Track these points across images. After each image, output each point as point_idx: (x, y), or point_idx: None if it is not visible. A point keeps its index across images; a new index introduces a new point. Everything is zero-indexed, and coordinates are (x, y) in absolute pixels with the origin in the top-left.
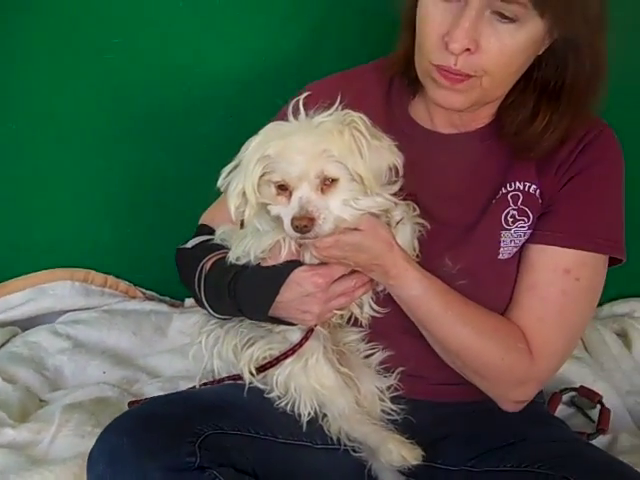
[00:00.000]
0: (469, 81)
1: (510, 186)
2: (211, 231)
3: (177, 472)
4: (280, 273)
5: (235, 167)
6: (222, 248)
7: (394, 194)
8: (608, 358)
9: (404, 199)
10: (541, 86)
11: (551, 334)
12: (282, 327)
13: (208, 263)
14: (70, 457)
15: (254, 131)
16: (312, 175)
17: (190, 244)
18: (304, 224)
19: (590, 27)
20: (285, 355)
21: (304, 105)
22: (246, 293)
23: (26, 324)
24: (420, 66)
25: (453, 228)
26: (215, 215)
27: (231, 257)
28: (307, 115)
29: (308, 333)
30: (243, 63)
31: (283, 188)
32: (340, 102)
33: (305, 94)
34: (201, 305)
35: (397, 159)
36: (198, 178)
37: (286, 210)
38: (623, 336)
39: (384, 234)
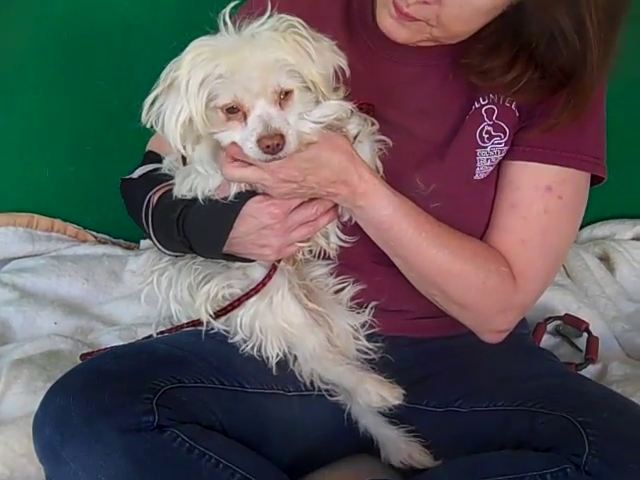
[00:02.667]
0: (418, 23)
1: (484, 99)
2: (159, 158)
3: (134, 433)
4: (233, 206)
5: (158, 96)
6: (170, 178)
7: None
8: (592, 284)
9: (360, 108)
10: (522, 40)
11: (534, 256)
12: (241, 263)
13: (155, 196)
14: (21, 416)
15: None
16: (269, 90)
17: (136, 174)
18: (276, 142)
19: (576, 18)
20: (247, 295)
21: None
22: (196, 230)
23: None
24: None
25: (424, 145)
26: (162, 142)
27: (176, 193)
28: (237, 27)
29: (271, 271)
30: None
31: (233, 111)
32: (272, 8)
33: (232, 4)
34: (151, 240)
35: (341, 59)
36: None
37: (245, 133)
38: (605, 260)
39: (342, 144)
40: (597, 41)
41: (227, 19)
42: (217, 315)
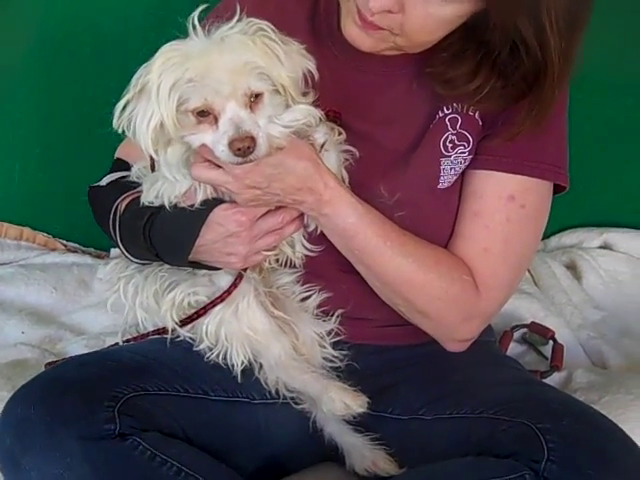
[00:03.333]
0: (382, 32)
1: (448, 109)
2: (127, 166)
3: (95, 441)
4: (199, 214)
5: (129, 101)
6: (138, 185)
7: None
8: (558, 292)
9: (327, 115)
10: (485, 48)
11: (497, 265)
12: (206, 271)
13: (123, 203)
14: None
15: None
16: (239, 93)
17: (104, 181)
18: (247, 145)
19: (537, 27)
20: (213, 303)
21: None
22: (163, 238)
23: None
24: None
25: (388, 154)
26: (131, 149)
27: (143, 200)
28: (207, 31)
29: (237, 279)
30: None
31: (204, 114)
32: (240, 11)
33: (201, 8)
34: (119, 248)
35: (309, 63)
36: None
37: (216, 136)
38: (572, 268)
39: (308, 151)
40: (558, 50)
41: (196, 23)
42: (183, 323)
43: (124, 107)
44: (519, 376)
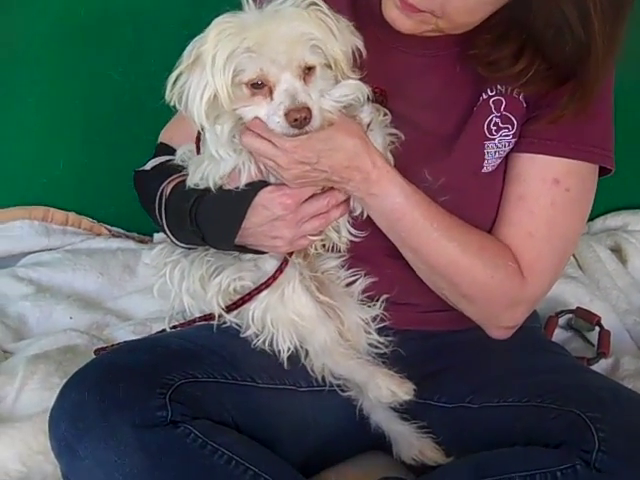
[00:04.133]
0: (423, 14)
1: (491, 90)
2: (171, 150)
3: (148, 428)
4: (244, 196)
5: (182, 73)
6: (183, 169)
7: None
8: (603, 276)
9: (374, 92)
10: (528, 30)
11: (541, 249)
12: (252, 255)
13: (168, 187)
14: (38, 412)
15: None
16: (295, 64)
17: (149, 166)
18: (304, 115)
19: (581, 9)
20: (258, 289)
21: None
22: (209, 220)
23: None
24: None
25: (431, 138)
26: (174, 133)
27: (189, 183)
28: (259, 4)
29: (282, 264)
30: None
31: (258, 86)
32: None
33: None
34: (164, 232)
35: (358, 40)
36: (154, 98)
37: (271, 108)
38: (617, 251)
39: (357, 129)
40: (602, 33)
41: None
42: (229, 309)
43: (176, 79)
44: (566, 363)
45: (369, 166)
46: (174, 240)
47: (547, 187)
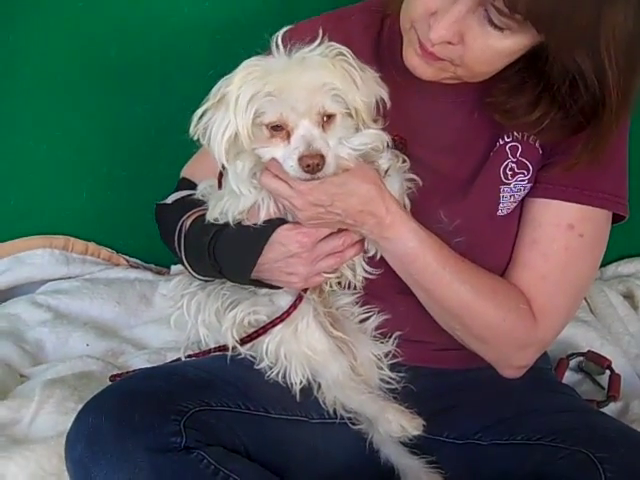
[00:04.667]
0: (443, 63)
1: (508, 137)
2: (192, 186)
3: (162, 453)
4: (262, 232)
5: (207, 110)
6: (204, 203)
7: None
8: (615, 321)
9: (393, 140)
10: (545, 80)
11: (554, 293)
12: (267, 290)
13: (188, 220)
14: (53, 436)
15: None
16: (314, 111)
17: (170, 200)
18: (317, 162)
19: (596, 62)
20: (273, 323)
21: (284, 42)
22: (227, 254)
23: (4, 295)
24: (403, 22)
25: (448, 181)
26: (196, 169)
27: (208, 217)
28: (288, 51)
29: (297, 301)
30: (220, 11)
31: (277, 129)
32: (322, 37)
33: (286, 28)
34: (182, 265)
35: (383, 91)
36: (179, 134)
37: (287, 151)
38: (630, 297)
39: (372, 175)
40: (616, 85)
41: (279, 42)
42: (243, 341)
43: (202, 115)
44: (575, 404)
45: (383, 211)
46: (192, 272)
47: (561, 232)
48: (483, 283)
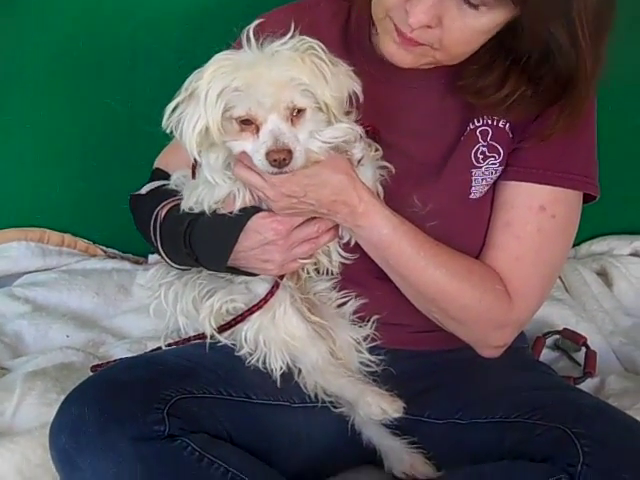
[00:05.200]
0: (422, 48)
1: (478, 121)
2: (166, 176)
3: (146, 441)
4: (237, 221)
5: (179, 104)
6: (178, 193)
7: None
8: (589, 298)
9: (366, 131)
10: (513, 55)
11: (528, 273)
12: (244, 277)
13: (163, 210)
14: (36, 427)
15: None
16: (282, 106)
17: (144, 190)
18: (283, 157)
19: (570, 31)
20: (250, 311)
21: (256, 34)
22: (202, 243)
23: None
24: (376, 14)
25: (420, 166)
26: (169, 159)
27: (183, 206)
28: (260, 44)
29: (273, 288)
30: (190, 2)
31: (247, 123)
32: (294, 29)
33: (257, 22)
34: (159, 254)
35: (355, 85)
36: (150, 124)
37: (255, 145)
38: (603, 275)
39: (344, 165)
40: (588, 51)
41: (251, 35)
42: (221, 329)
43: (174, 109)
44: (552, 381)
45: (355, 200)
46: (168, 261)
47: (533, 214)
48: (458, 265)
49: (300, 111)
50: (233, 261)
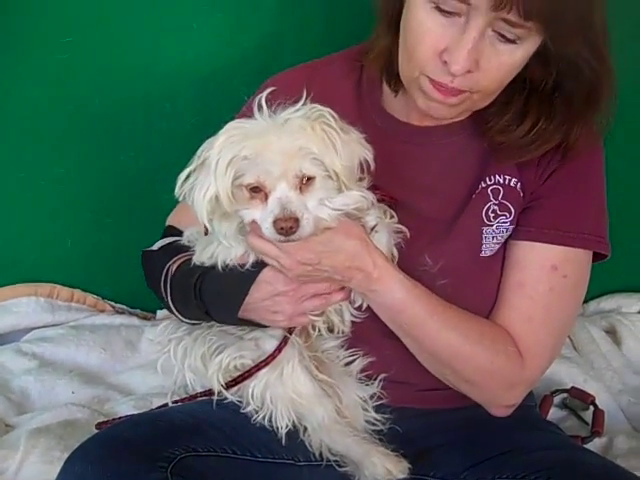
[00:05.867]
0: (462, 95)
1: (490, 179)
2: (178, 233)
3: None
4: (249, 274)
5: (192, 172)
6: (190, 249)
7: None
8: (598, 356)
9: (382, 200)
10: (530, 85)
11: (540, 333)
12: (254, 334)
13: (174, 265)
14: None
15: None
16: (291, 175)
17: (156, 246)
18: (290, 225)
19: (590, 49)
20: (258, 367)
21: (268, 101)
22: (213, 294)
23: None
24: (408, 75)
25: (432, 223)
26: (182, 217)
27: (195, 260)
28: (272, 112)
29: (282, 344)
30: (203, 60)
31: (257, 190)
32: (306, 96)
33: (269, 90)
34: (169, 310)
35: (367, 152)
36: (164, 181)
37: (264, 214)
38: (612, 333)
39: (357, 231)
40: (609, 63)
41: (263, 103)
42: (229, 385)
43: (187, 177)
44: (560, 441)
45: (370, 266)
46: (178, 316)
47: (545, 274)
48: (470, 328)
49: (310, 179)
50: (244, 313)
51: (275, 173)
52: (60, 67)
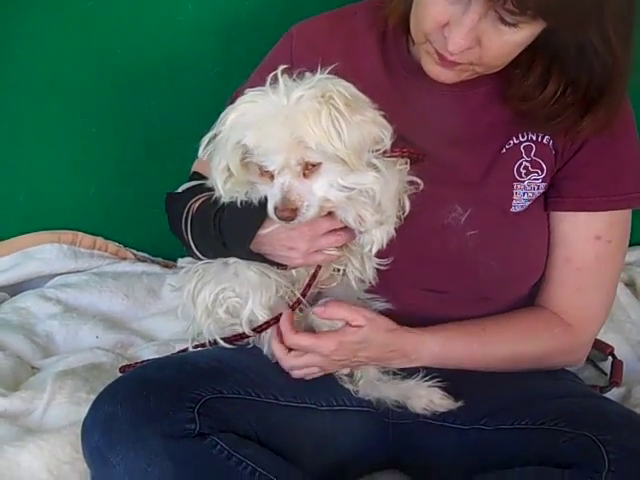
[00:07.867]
0: (463, 65)
1: (522, 136)
2: (204, 178)
3: (177, 439)
4: (265, 205)
5: (213, 138)
6: (214, 191)
7: (394, 149)
8: (617, 309)
9: (409, 157)
10: (552, 52)
11: (590, 300)
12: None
13: (196, 203)
14: (65, 425)
15: (240, 82)
16: (293, 163)
17: (181, 189)
18: (287, 214)
19: (603, 34)
20: (292, 307)
21: (284, 73)
22: (230, 224)
23: (14, 290)
24: (416, 35)
25: (462, 174)
26: (206, 166)
27: (217, 196)
28: (285, 84)
29: (308, 285)
30: (225, 9)
31: (266, 170)
32: (321, 66)
33: (282, 67)
34: (188, 249)
35: (383, 131)
36: (186, 132)
37: (271, 192)
38: (631, 285)
39: (384, 324)
40: (622, 52)
41: (279, 75)
42: (258, 330)
43: (209, 141)
44: (578, 389)
45: (406, 349)
46: (197, 253)
47: (591, 245)
48: (512, 334)
49: (317, 164)
50: (258, 246)
51: (277, 162)
52: (83, 17)
